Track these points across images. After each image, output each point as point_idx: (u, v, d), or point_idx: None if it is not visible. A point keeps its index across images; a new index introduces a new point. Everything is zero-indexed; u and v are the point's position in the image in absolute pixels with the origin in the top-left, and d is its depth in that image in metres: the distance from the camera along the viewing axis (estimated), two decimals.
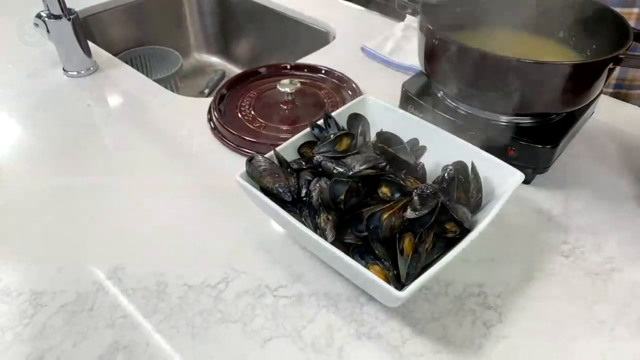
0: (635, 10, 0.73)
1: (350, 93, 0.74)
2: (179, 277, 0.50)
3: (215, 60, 1.25)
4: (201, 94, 1.14)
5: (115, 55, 1.08)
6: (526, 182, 0.61)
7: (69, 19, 0.75)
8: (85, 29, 1.03)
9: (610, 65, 0.52)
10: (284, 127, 0.69)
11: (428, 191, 0.44)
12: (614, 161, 0.64)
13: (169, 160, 0.65)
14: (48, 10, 0.75)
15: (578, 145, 0.67)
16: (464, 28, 0.66)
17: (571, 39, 0.65)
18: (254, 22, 1.14)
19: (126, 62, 1.10)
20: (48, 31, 0.77)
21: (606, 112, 0.71)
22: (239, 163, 0.52)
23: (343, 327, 0.46)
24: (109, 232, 0.55)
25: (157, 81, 1.04)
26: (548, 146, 0.57)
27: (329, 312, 0.47)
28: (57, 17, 0.75)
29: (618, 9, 0.69)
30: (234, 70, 1.23)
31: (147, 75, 1.13)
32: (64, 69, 0.80)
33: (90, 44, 0.86)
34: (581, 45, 0.63)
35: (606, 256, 0.52)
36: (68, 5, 0.76)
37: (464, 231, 0.46)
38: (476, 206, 0.50)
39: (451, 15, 0.66)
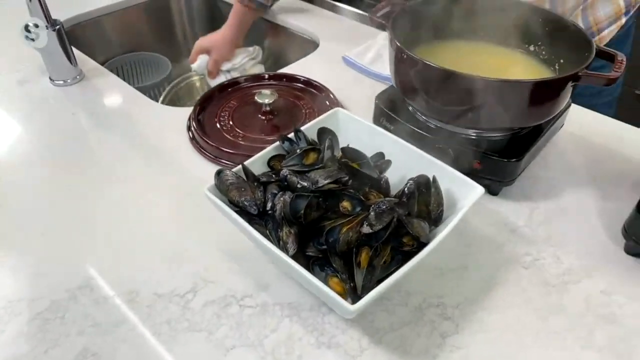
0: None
1: (327, 103, 0.76)
2: (150, 286, 0.52)
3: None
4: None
5: (106, 61, 1.10)
6: (493, 193, 0.62)
7: (54, 30, 0.77)
8: (77, 35, 1.06)
9: (570, 83, 0.54)
10: (262, 137, 0.71)
11: (384, 207, 0.46)
12: (580, 173, 0.66)
13: (147, 170, 0.67)
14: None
15: (548, 156, 0.68)
16: (437, 40, 0.68)
17: (541, 52, 0.66)
18: None
19: (117, 69, 1.14)
20: (34, 40, 0.79)
21: (577, 122, 0.72)
22: (214, 173, 0.54)
23: (304, 337, 0.48)
24: (85, 241, 0.57)
25: (147, 87, 1.07)
26: (513, 160, 0.58)
27: (291, 322, 0.49)
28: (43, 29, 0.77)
29: None
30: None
31: (137, 82, 1.16)
32: (50, 78, 0.82)
33: (77, 52, 0.88)
34: (550, 59, 0.65)
35: (565, 268, 0.54)
36: (62, 12, 0.78)
37: (422, 245, 0.47)
38: (437, 219, 0.52)
39: (425, 27, 0.67)
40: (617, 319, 0.49)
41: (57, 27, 0.78)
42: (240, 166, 0.53)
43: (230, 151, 0.67)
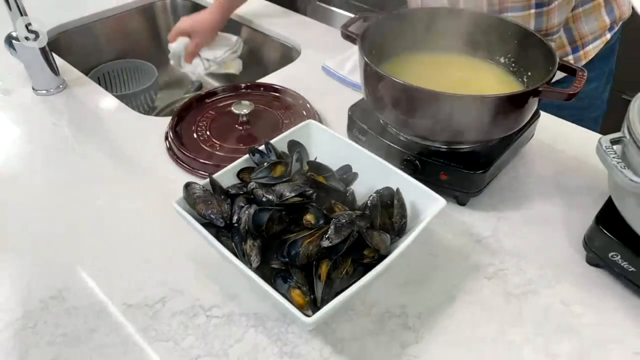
0: (532, 11, 0.77)
1: (304, 113, 0.77)
2: (120, 296, 0.53)
3: None
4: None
5: (92, 69, 1.12)
6: (461, 203, 0.64)
7: (35, 41, 0.79)
8: (63, 43, 1.07)
9: (532, 97, 0.55)
10: (239, 148, 0.72)
11: (344, 220, 0.47)
12: (549, 183, 0.67)
13: (124, 180, 0.68)
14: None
15: (517, 166, 0.69)
16: (410, 52, 0.69)
17: (511, 64, 0.67)
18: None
19: (104, 75, 1.15)
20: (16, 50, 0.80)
21: (547, 132, 0.74)
22: None
23: (268, 346, 0.49)
24: (58, 251, 0.58)
25: (133, 94, 1.08)
26: (479, 172, 0.59)
27: (256, 332, 0.50)
28: (24, 40, 0.78)
29: (517, 14, 0.76)
30: (210, 81, 1.26)
31: (124, 89, 1.18)
32: (33, 88, 0.84)
33: (61, 61, 0.89)
34: (519, 70, 0.66)
35: (527, 278, 0.55)
36: (51, 19, 0.79)
37: (383, 256, 0.48)
38: (401, 230, 0.53)
39: (397, 40, 0.68)
40: (574, 328, 0.50)
41: (39, 38, 0.79)
42: (208, 179, 0.54)
43: (206, 162, 0.68)
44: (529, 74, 0.64)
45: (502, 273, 0.56)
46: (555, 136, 0.74)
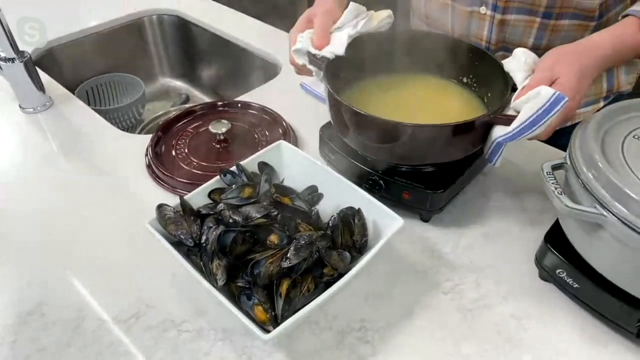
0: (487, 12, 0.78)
1: (280, 131, 0.80)
2: (96, 311, 0.56)
3: (179, 84, 1.32)
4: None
5: (80, 82, 1.15)
6: (424, 220, 0.67)
7: (21, 61, 0.82)
8: (51, 59, 1.10)
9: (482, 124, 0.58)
10: (217, 165, 0.75)
11: (303, 242, 0.50)
12: (510, 200, 0.70)
13: (103, 197, 0.71)
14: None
15: (481, 183, 0.72)
16: (376, 75, 0.72)
17: (473, 84, 0.70)
18: (212, 49, 1.20)
19: (91, 89, 1.18)
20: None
21: (511, 150, 0.76)
22: (168, 200, 0.58)
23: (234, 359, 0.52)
24: (37, 265, 0.61)
25: (121, 108, 1.11)
26: (439, 191, 0.63)
27: (224, 345, 0.53)
28: (10, 60, 0.81)
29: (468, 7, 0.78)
30: (197, 94, 1.29)
31: (111, 102, 1.21)
32: (20, 106, 0.87)
33: (47, 78, 0.92)
34: (481, 91, 0.69)
35: (481, 293, 0.58)
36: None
37: (342, 274, 0.52)
38: (362, 248, 0.56)
39: (363, 65, 0.71)
40: (523, 343, 0.53)
41: (26, 58, 0.82)
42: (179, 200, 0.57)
43: (184, 180, 0.71)
44: (489, 95, 0.68)
45: (459, 288, 0.59)
46: (519, 154, 0.77)
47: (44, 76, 0.91)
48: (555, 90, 0.54)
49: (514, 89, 0.61)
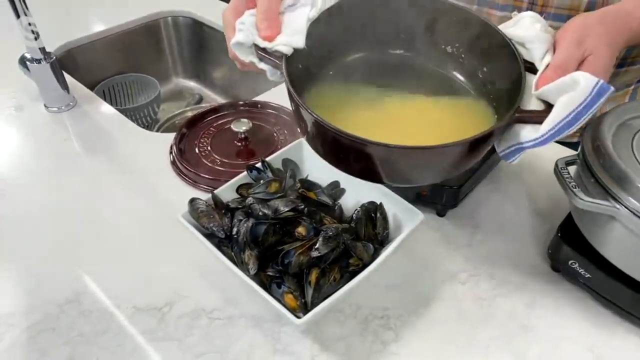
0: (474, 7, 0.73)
1: (299, 130, 0.83)
2: (130, 300, 0.59)
3: (192, 84, 1.35)
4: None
5: (97, 83, 1.18)
6: (440, 215, 0.70)
7: (48, 62, 0.84)
8: (70, 60, 1.13)
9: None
10: (238, 162, 0.78)
11: (330, 233, 0.53)
12: (524, 195, 0.73)
13: (133, 192, 0.74)
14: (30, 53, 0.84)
15: (496, 178, 0.75)
16: (350, 55, 0.58)
17: (460, 55, 0.57)
18: (225, 50, 1.22)
19: (108, 89, 1.21)
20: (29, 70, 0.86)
21: None
22: (193, 195, 0.60)
23: (263, 345, 0.55)
24: (73, 257, 0.64)
25: (137, 108, 1.14)
26: (454, 187, 0.66)
27: (254, 332, 0.56)
28: (37, 61, 0.84)
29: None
30: (210, 94, 1.32)
31: (128, 102, 1.24)
32: (45, 105, 0.90)
33: (70, 79, 0.95)
34: (472, 65, 0.56)
35: (496, 283, 0.61)
36: (55, 37, 0.85)
37: (366, 265, 0.54)
38: (383, 240, 0.59)
39: (334, 41, 0.56)
40: (535, 329, 0.56)
41: (52, 59, 0.85)
42: (210, 195, 0.60)
43: (207, 176, 0.74)
44: (485, 70, 0.54)
45: (475, 279, 0.62)
46: (532, 151, 0.80)
47: (67, 77, 0.93)
48: (598, 79, 0.43)
49: (529, 68, 0.48)
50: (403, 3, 0.55)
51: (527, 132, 0.45)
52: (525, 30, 0.48)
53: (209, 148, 0.80)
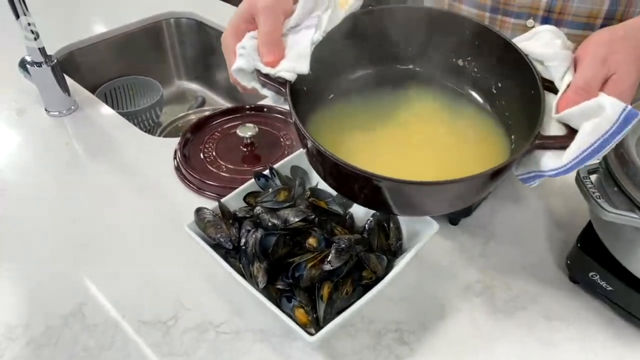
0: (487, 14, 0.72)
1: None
2: (135, 313, 0.57)
3: (195, 87, 1.33)
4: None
5: (99, 86, 1.16)
6: (453, 224, 0.68)
7: (49, 65, 0.82)
8: (71, 62, 1.11)
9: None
10: (244, 169, 0.76)
11: (343, 245, 0.51)
12: (539, 204, 0.71)
13: (134, 199, 0.72)
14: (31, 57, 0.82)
15: (508, 188, 0.73)
16: (355, 73, 0.56)
17: (473, 69, 0.54)
18: None
19: (110, 92, 1.19)
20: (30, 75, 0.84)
21: None
22: (198, 203, 0.59)
23: None
24: (76, 267, 0.62)
25: (139, 111, 1.12)
26: None
27: (262, 347, 0.54)
28: (38, 65, 0.82)
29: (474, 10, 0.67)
30: (213, 97, 1.30)
31: (130, 105, 1.22)
32: (46, 109, 0.88)
33: (71, 82, 0.93)
34: (482, 82, 0.53)
35: (513, 295, 0.59)
36: (56, 39, 0.83)
37: (380, 277, 0.53)
38: (397, 251, 0.57)
39: (337, 62, 0.54)
40: (553, 342, 0.55)
41: (53, 62, 0.83)
42: (217, 203, 0.58)
43: (213, 183, 0.72)
44: (500, 85, 0.51)
45: (490, 291, 0.60)
46: None
47: (67, 80, 0.92)
48: (626, 105, 0.40)
49: (548, 87, 0.46)
50: (411, 18, 0.53)
51: (548, 159, 0.43)
52: (545, 47, 0.45)
53: (214, 153, 0.78)
